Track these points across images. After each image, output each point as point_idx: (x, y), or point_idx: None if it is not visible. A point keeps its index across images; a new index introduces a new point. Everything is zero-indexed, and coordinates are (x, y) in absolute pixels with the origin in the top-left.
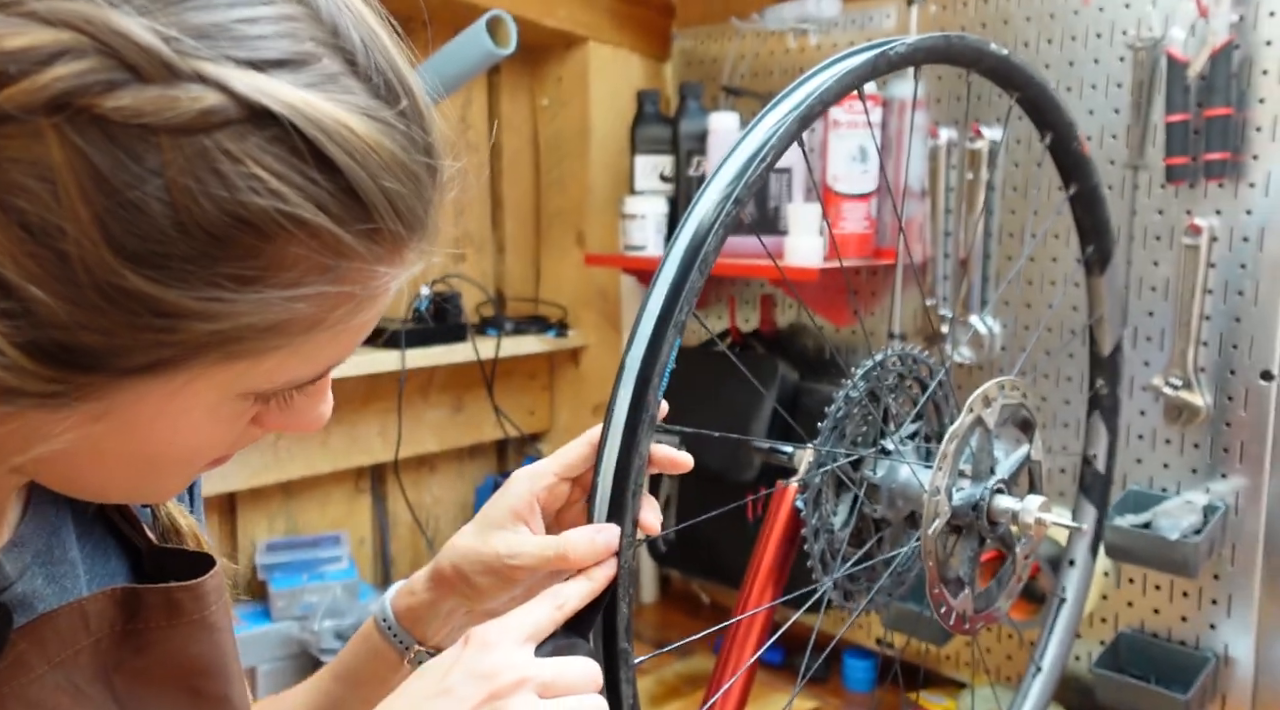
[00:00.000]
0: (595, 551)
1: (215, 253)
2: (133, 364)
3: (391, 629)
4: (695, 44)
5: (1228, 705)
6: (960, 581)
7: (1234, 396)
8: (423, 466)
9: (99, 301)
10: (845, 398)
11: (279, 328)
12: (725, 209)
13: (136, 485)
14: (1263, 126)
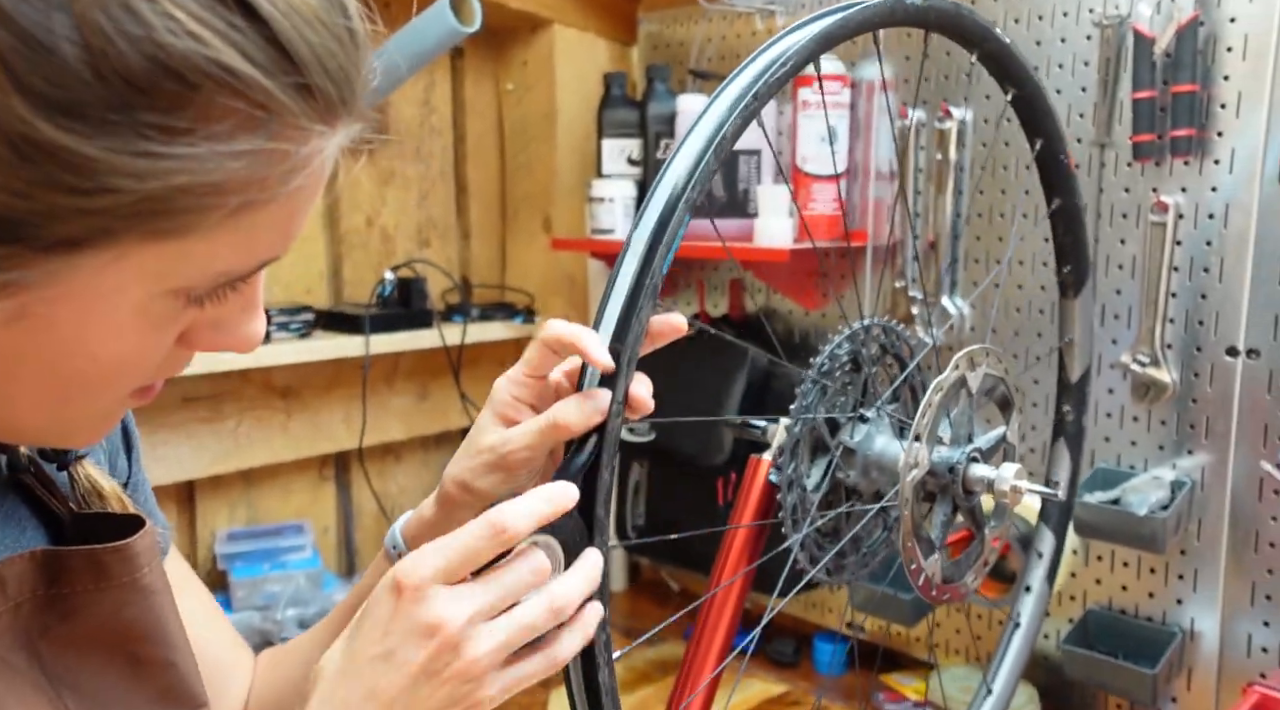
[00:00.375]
0: (585, 415)
1: (137, 101)
2: (54, 235)
3: (401, 555)
4: (661, 27)
5: (1193, 679)
6: (931, 544)
7: (1200, 373)
8: (388, 455)
9: (10, 157)
10: (830, 355)
11: (213, 190)
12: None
13: (56, 414)
14: (1227, 103)
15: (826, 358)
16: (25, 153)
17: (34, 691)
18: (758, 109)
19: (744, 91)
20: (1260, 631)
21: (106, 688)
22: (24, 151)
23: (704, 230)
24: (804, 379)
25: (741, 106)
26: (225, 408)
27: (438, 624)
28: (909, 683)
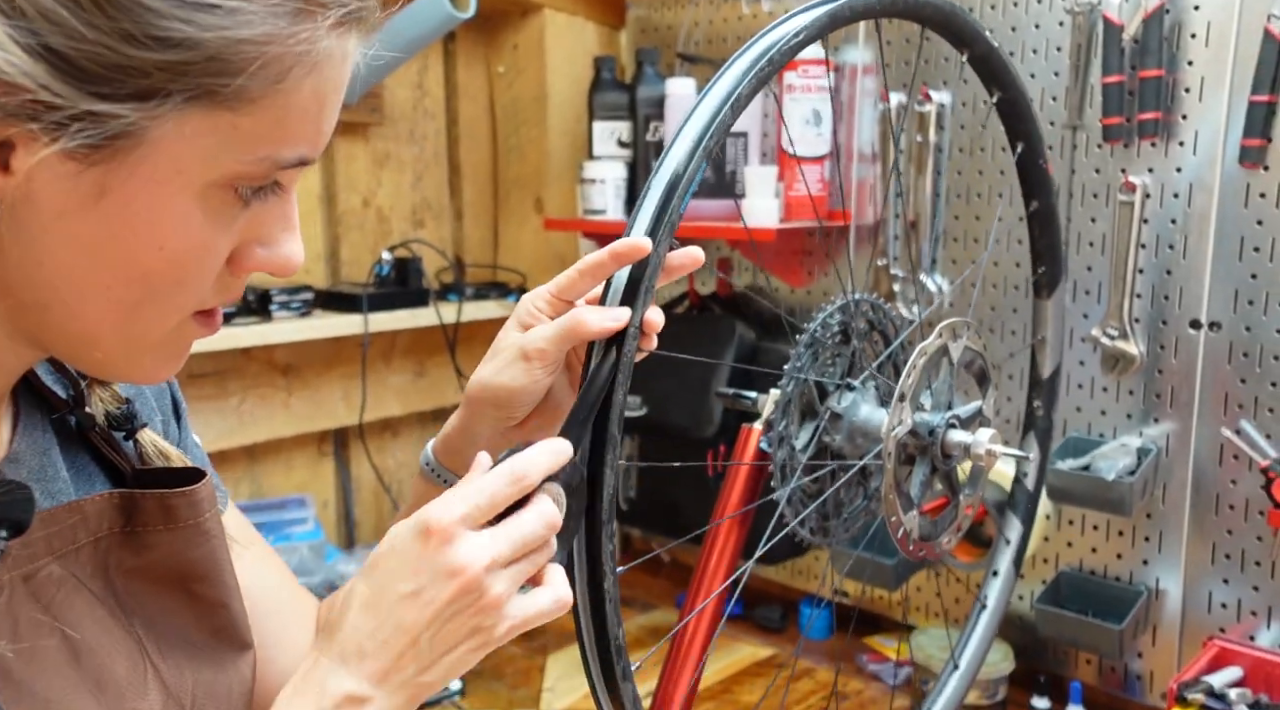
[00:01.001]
0: (603, 320)
1: None
2: (129, 88)
3: (434, 470)
4: (650, 12)
5: (1158, 634)
6: (911, 500)
7: (1165, 345)
8: (385, 430)
9: (92, 10)
10: (823, 322)
11: (261, 45)
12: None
13: (127, 329)
14: (1191, 87)
15: (819, 325)
16: (103, 6)
17: (110, 616)
18: (771, 74)
19: (760, 55)
20: (1220, 589)
21: (168, 620)
22: (102, 5)
23: (693, 211)
24: (797, 342)
25: (757, 69)
26: (229, 385)
27: (463, 566)
28: (890, 644)
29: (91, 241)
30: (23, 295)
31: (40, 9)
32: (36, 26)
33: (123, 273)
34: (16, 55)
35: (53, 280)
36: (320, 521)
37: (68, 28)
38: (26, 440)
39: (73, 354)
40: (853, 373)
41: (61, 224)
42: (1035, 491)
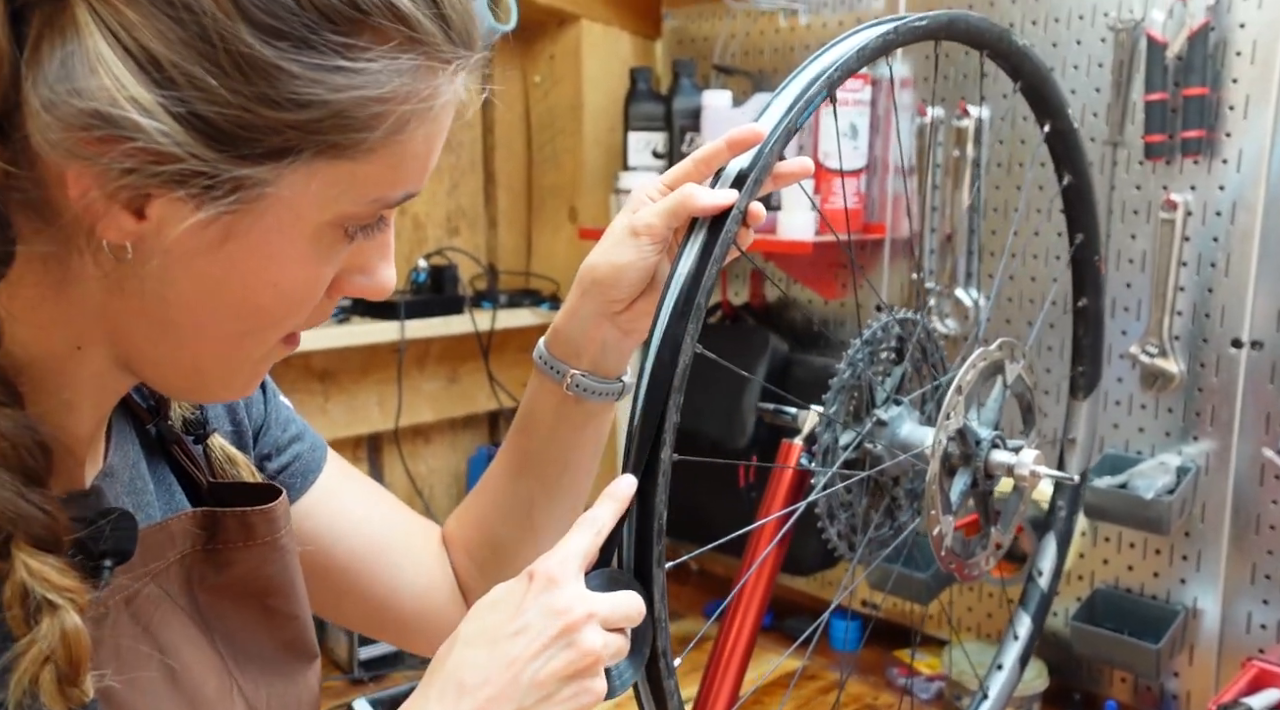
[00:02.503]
0: (712, 197)
1: (325, 24)
2: (264, 147)
3: (546, 361)
4: (685, 23)
5: (1195, 654)
6: (950, 503)
7: (1206, 363)
8: (418, 436)
9: (236, 77)
10: (883, 328)
11: (382, 103)
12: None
13: (229, 356)
14: (1235, 105)
15: (881, 327)
16: (246, 72)
17: (200, 634)
18: (840, 81)
19: (828, 67)
20: (1260, 609)
21: (245, 634)
22: (245, 71)
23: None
24: (857, 337)
25: (824, 77)
26: None
27: (568, 606)
28: (922, 658)
29: (211, 281)
30: (135, 329)
31: (189, 77)
32: (185, 94)
33: (236, 308)
34: (168, 124)
35: (169, 316)
36: None
37: (214, 94)
38: (119, 454)
39: (167, 381)
40: (902, 387)
41: (185, 265)
42: (1050, 592)
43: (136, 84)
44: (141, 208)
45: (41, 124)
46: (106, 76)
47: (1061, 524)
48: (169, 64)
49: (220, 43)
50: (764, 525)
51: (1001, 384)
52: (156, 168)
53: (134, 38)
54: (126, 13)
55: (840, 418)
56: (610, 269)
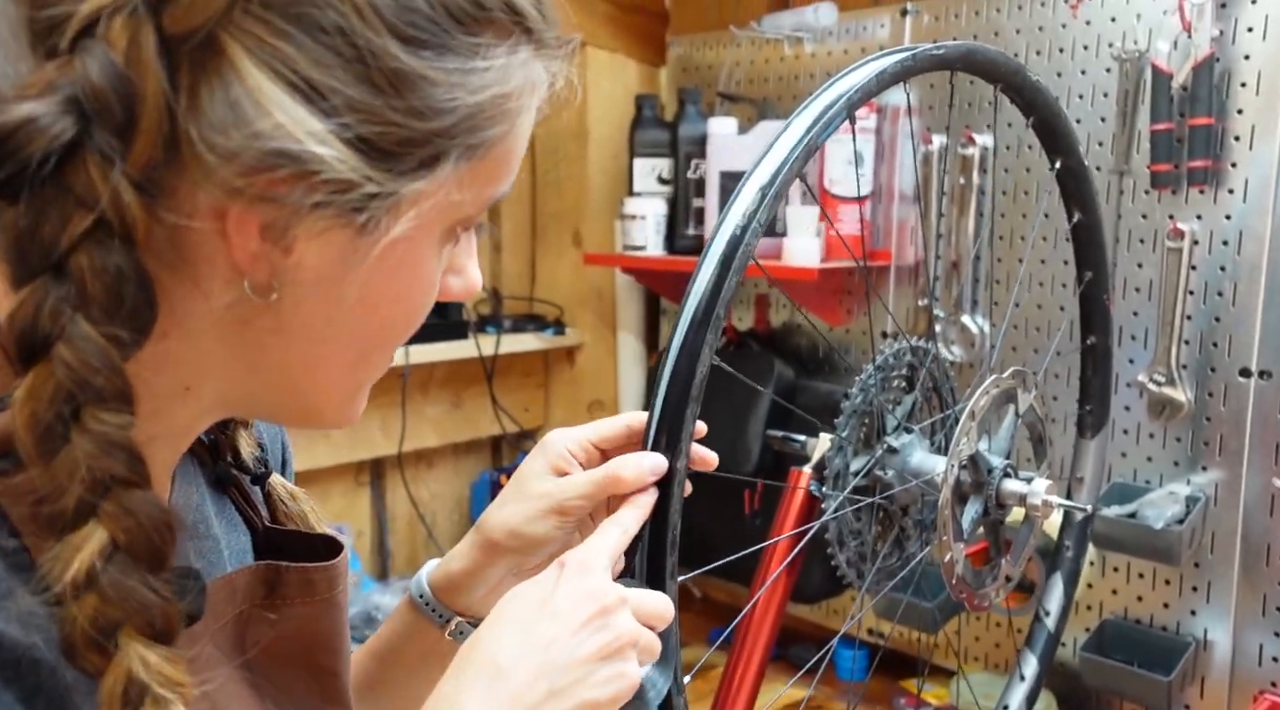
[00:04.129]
0: (641, 473)
1: (455, 27)
2: (413, 160)
3: (429, 604)
4: (690, 50)
5: (1206, 687)
6: (961, 529)
7: (1214, 392)
8: (420, 461)
9: (388, 88)
10: (895, 353)
11: (510, 98)
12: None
13: (349, 378)
14: (1241, 136)
15: (893, 353)
16: (398, 87)
17: (251, 694)
18: (859, 103)
19: (839, 96)
20: (1271, 641)
21: (291, 691)
22: (397, 86)
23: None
24: (871, 359)
25: (835, 108)
26: None
27: (602, 590)
28: (930, 688)
29: (343, 302)
30: (257, 362)
31: (349, 101)
32: (348, 119)
33: (365, 326)
34: (342, 151)
35: (296, 345)
36: (356, 551)
37: (374, 114)
38: (182, 495)
39: (280, 411)
40: (912, 416)
41: (319, 291)
42: (1056, 633)
43: (309, 117)
44: (290, 242)
45: (212, 171)
46: (280, 114)
47: (1069, 563)
48: (329, 91)
49: (373, 60)
50: (773, 551)
51: (1014, 413)
52: (329, 197)
53: (293, 70)
54: (281, 46)
55: (852, 442)
56: (525, 541)
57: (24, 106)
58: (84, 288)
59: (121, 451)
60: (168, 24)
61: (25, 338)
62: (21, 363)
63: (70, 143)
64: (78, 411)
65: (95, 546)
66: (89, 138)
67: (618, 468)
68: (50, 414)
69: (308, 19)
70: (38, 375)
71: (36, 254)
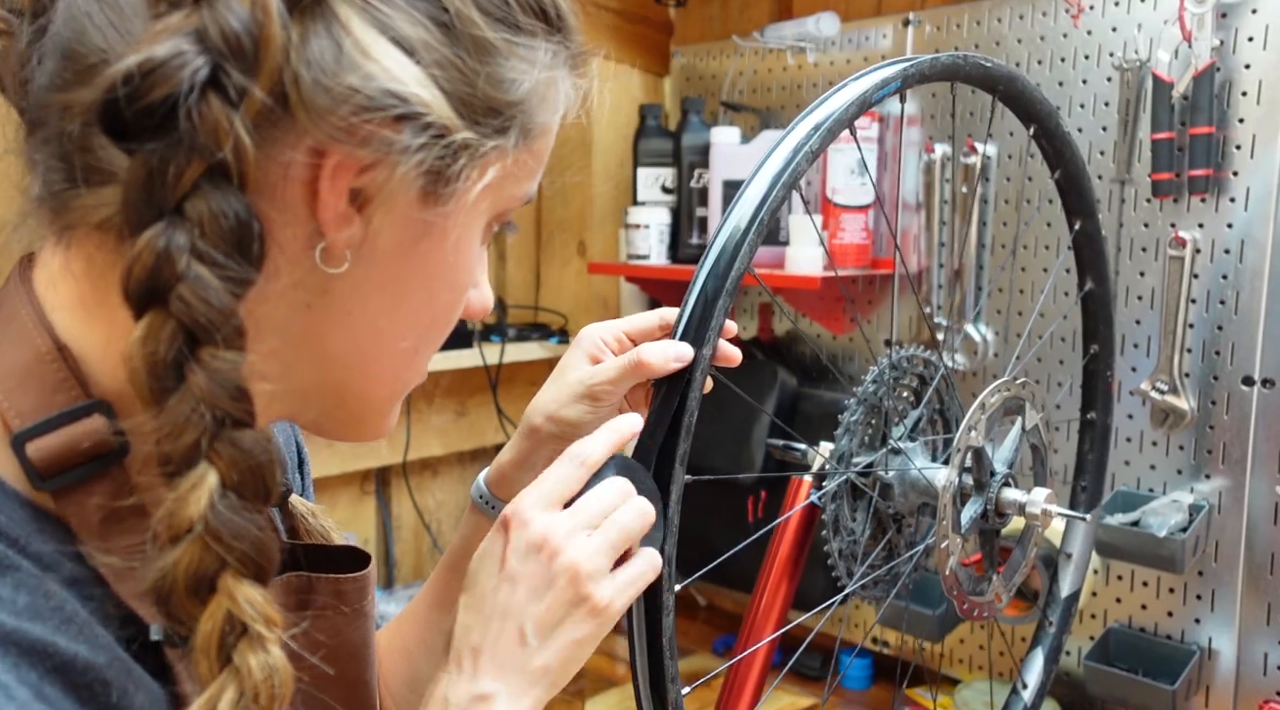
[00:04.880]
0: (666, 359)
1: (522, 11)
2: (491, 126)
3: (488, 502)
4: (694, 60)
5: (1211, 696)
6: (960, 524)
7: (1217, 401)
8: (425, 470)
9: (472, 52)
10: (908, 357)
11: (552, 90)
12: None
13: (400, 374)
14: (1242, 144)
15: (904, 357)
16: (478, 53)
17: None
18: (857, 114)
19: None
20: (1276, 650)
21: (318, 701)
22: (477, 53)
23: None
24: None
25: (840, 112)
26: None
27: (541, 538)
28: (928, 695)
29: (400, 284)
30: (313, 353)
31: (440, 59)
32: (439, 73)
33: (419, 318)
34: (437, 96)
35: (358, 325)
36: None
37: (461, 73)
38: None
39: (324, 416)
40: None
41: (381, 269)
42: (1035, 705)
43: (410, 64)
44: (373, 210)
45: (322, 114)
46: (388, 60)
47: (1050, 641)
48: (424, 46)
49: (459, 25)
50: (774, 557)
51: (1020, 427)
52: (428, 141)
53: (393, 27)
54: (381, 6)
55: (859, 428)
56: (568, 425)
57: (163, 44)
58: (203, 230)
59: (236, 389)
60: None
61: (146, 281)
62: (139, 306)
63: (204, 82)
64: (195, 350)
65: (211, 484)
66: (220, 73)
67: (642, 352)
68: (170, 353)
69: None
70: (155, 317)
71: (156, 199)
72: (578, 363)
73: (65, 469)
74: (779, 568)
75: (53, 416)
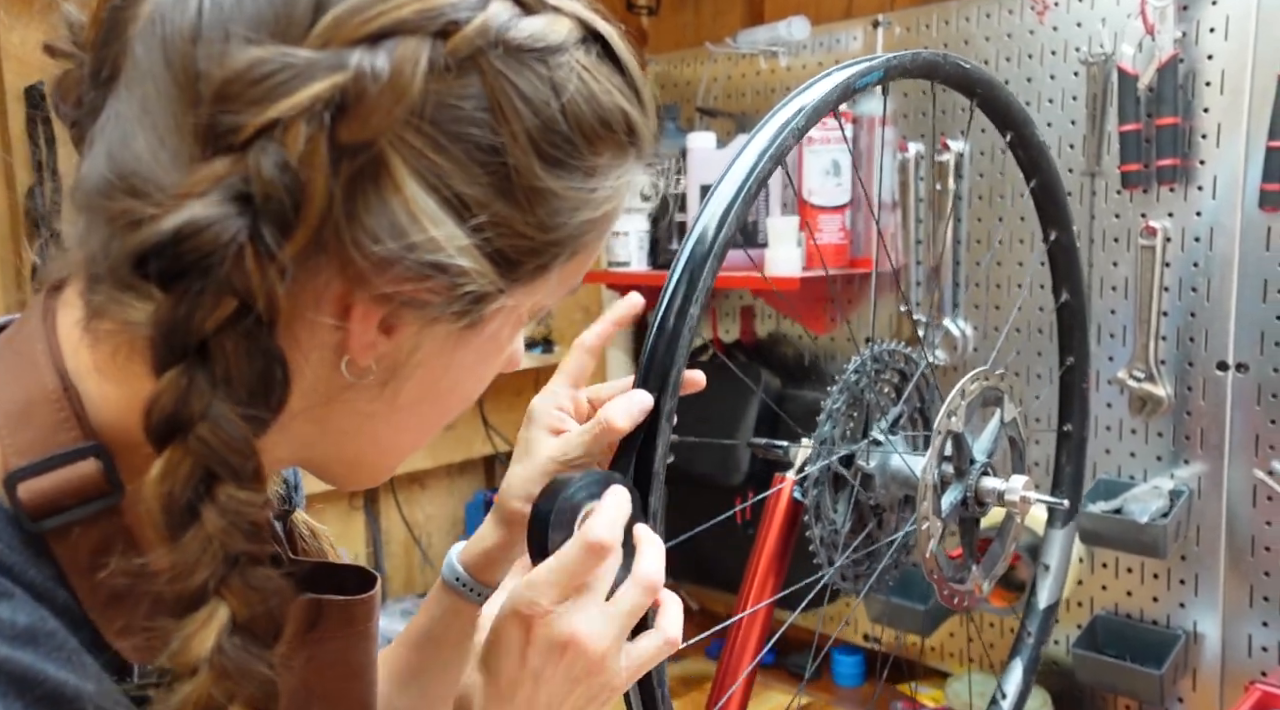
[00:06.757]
0: (631, 413)
1: (584, 147)
2: (531, 266)
3: (465, 584)
4: (669, 68)
5: (1198, 678)
6: (940, 507)
7: (1193, 387)
8: (414, 483)
9: (526, 204)
10: (889, 350)
11: (615, 212)
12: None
13: (410, 446)
14: (1208, 133)
15: (887, 351)
16: (534, 203)
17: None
18: (840, 99)
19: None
20: (1260, 632)
21: None
22: (534, 202)
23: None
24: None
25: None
26: None
27: (569, 639)
28: (925, 691)
29: (430, 384)
30: (330, 432)
31: (494, 215)
32: (490, 233)
33: (445, 403)
34: (483, 265)
35: (379, 417)
36: None
37: (511, 227)
38: None
39: (336, 471)
40: (894, 430)
41: (416, 373)
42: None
43: (457, 231)
44: (405, 336)
45: (362, 275)
46: (434, 228)
47: (1029, 651)
48: (477, 205)
49: (517, 178)
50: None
51: (999, 419)
52: (465, 307)
53: (448, 184)
54: (439, 161)
55: (840, 417)
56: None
57: (198, 206)
58: (227, 370)
59: (250, 528)
60: (342, 133)
61: (168, 417)
62: (159, 442)
63: (243, 241)
64: (212, 490)
65: (219, 623)
66: (257, 234)
67: (608, 416)
68: (187, 492)
69: (467, 138)
70: (174, 454)
71: (182, 338)
72: (541, 439)
73: (55, 511)
74: (764, 565)
75: (47, 458)
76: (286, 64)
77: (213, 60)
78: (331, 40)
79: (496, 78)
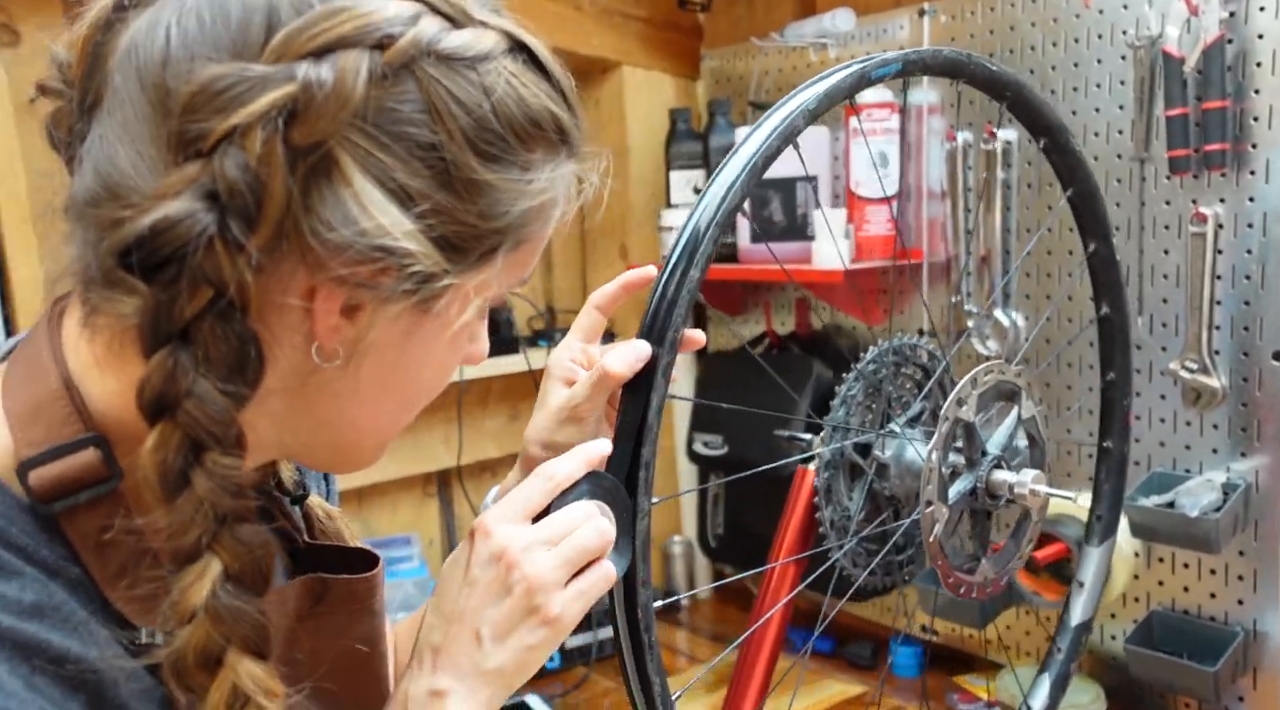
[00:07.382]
0: (628, 362)
1: (519, 145)
2: (477, 251)
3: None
4: (723, 63)
5: (1260, 678)
6: (946, 495)
7: (1249, 377)
8: (484, 471)
9: (465, 194)
10: (910, 343)
11: (554, 202)
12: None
13: (386, 431)
14: (1260, 116)
15: (908, 344)
16: (473, 193)
17: (296, 697)
18: (855, 88)
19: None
20: None
21: (332, 698)
22: (472, 193)
23: (767, 254)
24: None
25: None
26: None
27: (501, 549)
28: (978, 683)
29: (389, 369)
30: (313, 410)
31: (436, 205)
32: (434, 220)
33: (405, 390)
34: (428, 248)
35: (351, 398)
36: (425, 558)
37: (453, 215)
38: None
39: (316, 458)
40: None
41: (379, 356)
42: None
43: (403, 217)
44: (364, 318)
45: (319, 259)
46: (382, 216)
47: (1058, 668)
48: (420, 196)
49: (455, 172)
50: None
51: (1017, 415)
52: (414, 286)
53: (392, 177)
54: (383, 157)
55: (856, 406)
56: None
57: (172, 204)
58: (207, 351)
59: (236, 489)
60: (295, 136)
61: (158, 395)
62: (151, 417)
63: (212, 234)
64: (200, 457)
65: (213, 574)
66: (225, 227)
67: (604, 362)
68: (178, 460)
69: (408, 137)
70: (165, 428)
71: (166, 324)
72: (554, 389)
73: (62, 495)
74: (786, 552)
75: (53, 448)
76: (244, 77)
77: (180, 78)
78: (283, 56)
79: (431, 83)
